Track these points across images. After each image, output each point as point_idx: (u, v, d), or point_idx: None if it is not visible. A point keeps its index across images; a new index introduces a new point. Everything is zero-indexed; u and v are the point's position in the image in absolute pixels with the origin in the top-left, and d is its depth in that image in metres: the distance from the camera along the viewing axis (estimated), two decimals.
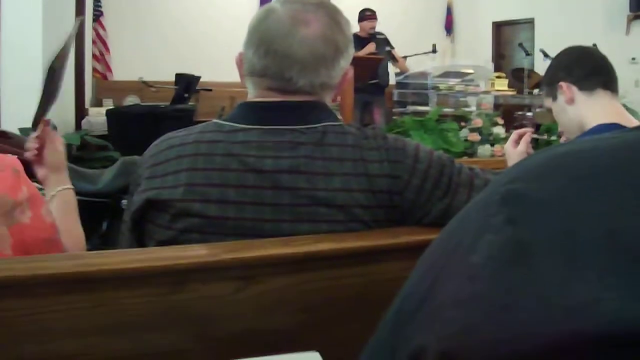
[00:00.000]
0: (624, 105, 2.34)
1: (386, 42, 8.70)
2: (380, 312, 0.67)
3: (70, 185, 1.88)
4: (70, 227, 1.72)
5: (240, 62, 1.52)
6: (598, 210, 0.46)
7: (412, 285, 0.57)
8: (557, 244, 0.45)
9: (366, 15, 8.64)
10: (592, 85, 2.14)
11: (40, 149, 1.87)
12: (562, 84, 2.18)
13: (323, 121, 1.46)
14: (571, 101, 2.16)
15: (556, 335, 0.42)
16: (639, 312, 0.41)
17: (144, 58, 10.27)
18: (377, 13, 8.77)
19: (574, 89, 2.16)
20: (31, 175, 1.67)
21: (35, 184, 1.57)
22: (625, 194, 0.46)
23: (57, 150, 1.89)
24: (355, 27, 8.37)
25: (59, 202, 1.80)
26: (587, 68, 2.16)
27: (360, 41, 8.42)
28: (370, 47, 8.37)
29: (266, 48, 1.44)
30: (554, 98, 2.23)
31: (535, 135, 2.38)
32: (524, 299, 0.44)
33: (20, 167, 1.44)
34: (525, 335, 0.43)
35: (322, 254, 1.31)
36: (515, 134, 2.35)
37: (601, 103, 2.11)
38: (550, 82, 2.25)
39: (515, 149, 2.30)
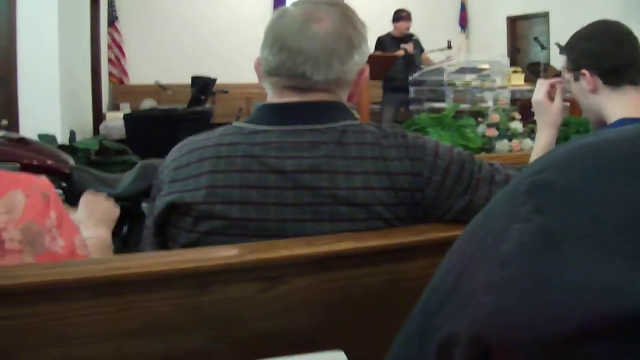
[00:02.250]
0: None
1: (418, 43, 8.77)
2: (404, 310, 0.67)
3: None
4: None
5: (257, 65, 1.53)
6: (624, 196, 0.47)
7: (441, 276, 0.58)
8: (585, 229, 0.46)
9: (402, 15, 8.74)
10: (618, 80, 2.02)
11: None
12: (586, 72, 2.05)
13: (342, 120, 1.46)
14: (594, 90, 2.05)
15: (587, 317, 0.43)
16: None
17: (159, 61, 10.32)
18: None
19: (599, 81, 2.04)
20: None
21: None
22: None
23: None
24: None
25: None
26: (617, 63, 2.02)
27: (394, 41, 8.50)
28: (409, 48, 8.42)
29: (280, 45, 1.46)
30: (576, 78, 2.10)
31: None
32: (555, 283, 0.45)
33: (50, 190, 1.39)
34: (557, 318, 0.44)
35: (346, 253, 1.31)
36: (546, 84, 2.20)
37: (625, 99, 2.01)
38: (573, 61, 2.12)
39: (551, 104, 2.17)
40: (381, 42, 8.70)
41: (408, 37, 8.66)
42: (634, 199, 0.46)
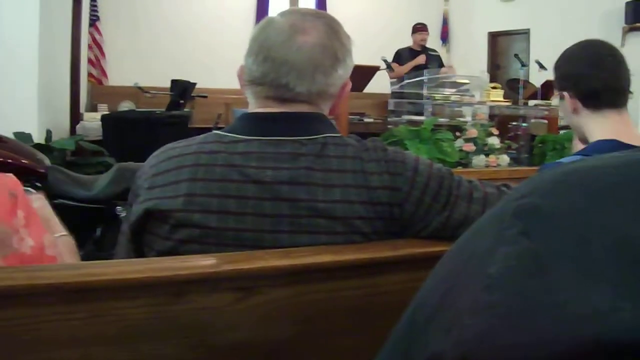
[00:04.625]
0: None
1: (439, 59, 8.86)
2: (379, 324, 0.67)
3: (62, 232, 1.70)
4: None
5: (241, 73, 1.53)
6: (610, 222, 0.47)
7: (425, 295, 0.58)
8: (572, 254, 0.46)
9: (417, 28, 8.93)
10: (597, 103, 2.05)
11: None
12: (566, 94, 2.10)
13: (323, 132, 1.46)
14: (575, 111, 2.09)
15: (572, 342, 0.43)
16: None
17: (139, 63, 10.27)
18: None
19: (578, 103, 2.08)
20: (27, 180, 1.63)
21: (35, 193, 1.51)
22: (636, 208, 0.47)
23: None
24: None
25: None
26: (596, 87, 2.04)
27: (411, 53, 8.65)
28: (420, 60, 8.53)
29: (265, 55, 1.45)
30: (561, 97, 2.14)
31: None
32: (540, 307, 0.45)
33: (18, 188, 1.35)
34: (542, 342, 0.44)
35: (322, 266, 1.31)
36: None
37: (604, 121, 2.05)
38: (557, 82, 2.16)
39: None
40: (399, 55, 8.80)
41: (424, 50, 8.76)
42: (620, 226, 0.46)
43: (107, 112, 8.31)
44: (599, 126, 2.05)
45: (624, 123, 2.06)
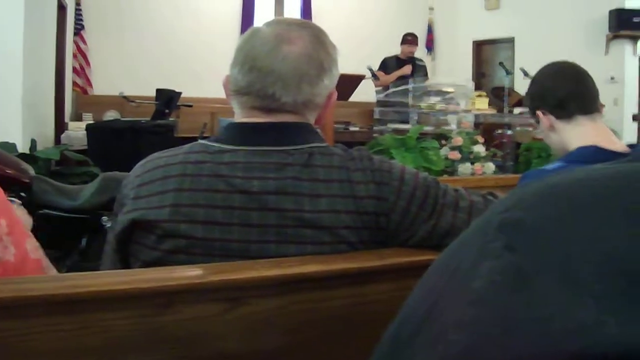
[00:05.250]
0: None
1: (425, 69, 8.94)
2: (368, 333, 0.67)
3: None
4: None
5: (227, 83, 1.53)
6: (594, 235, 0.47)
7: (410, 309, 0.57)
8: (556, 268, 0.46)
9: (407, 39, 9.00)
10: (568, 113, 2.13)
11: None
12: (539, 113, 2.18)
13: (309, 142, 1.46)
14: (551, 128, 2.16)
15: (557, 358, 0.43)
16: (638, 336, 0.41)
17: (124, 73, 10.26)
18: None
19: (552, 117, 2.15)
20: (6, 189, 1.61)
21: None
22: (620, 220, 0.47)
23: None
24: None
25: None
26: (561, 96, 2.13)
27: (398, 62, 8.74)
28: (406, 69, 8.58)
29: (250, 65, 1.45)
30: (537, 122, 2.23)
31: None
32: (524, 322, 0.45)
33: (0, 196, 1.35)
34: (527, 358, 0.44)
35: (310, 276, 1.31)
36: None
37: (580, 129, 2.11)
38: (530, 108, 2.26)
39: None
40: (385, 63, 8.87)
41: (409, 60, 8.82)
42: (605, 240, 0.46)
43: (92, 122, 8.29)
44: (575, 135, 2.11)
45: (600, 129, 2.13)
